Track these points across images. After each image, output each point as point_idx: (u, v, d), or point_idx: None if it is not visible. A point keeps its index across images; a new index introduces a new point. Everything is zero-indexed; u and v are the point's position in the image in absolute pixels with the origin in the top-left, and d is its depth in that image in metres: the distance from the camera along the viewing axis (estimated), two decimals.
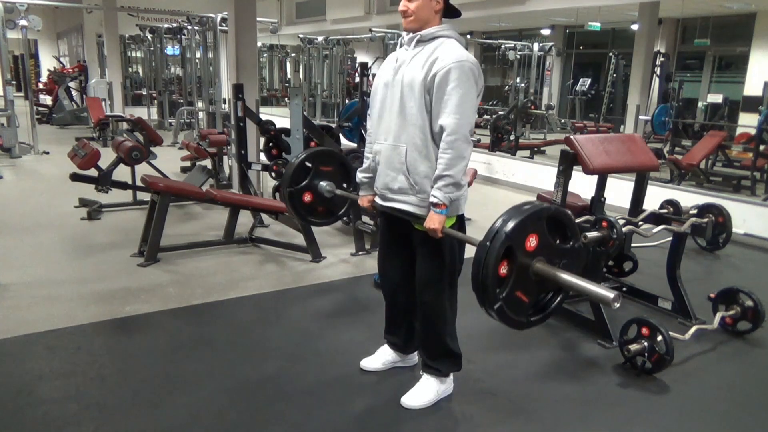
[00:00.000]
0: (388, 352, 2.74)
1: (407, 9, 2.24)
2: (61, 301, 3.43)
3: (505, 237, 1.73)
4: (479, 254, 1.79)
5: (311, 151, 3.07)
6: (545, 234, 1.84)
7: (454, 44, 2.23)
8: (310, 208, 3.08)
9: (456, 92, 2.14)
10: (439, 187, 2.18)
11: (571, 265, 1.92)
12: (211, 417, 2.35)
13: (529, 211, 1.80)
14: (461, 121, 2.15)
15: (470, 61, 2.18)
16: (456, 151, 2.15)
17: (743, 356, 3.08)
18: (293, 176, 2.99)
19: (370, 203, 2.57)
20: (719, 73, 10.74)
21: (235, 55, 6.12)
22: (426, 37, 2.25)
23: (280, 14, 15.23)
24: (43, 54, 20.55)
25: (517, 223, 1.76)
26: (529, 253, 1.81)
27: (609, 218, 3.08)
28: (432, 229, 2.20)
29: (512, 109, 9.40)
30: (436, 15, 2.27)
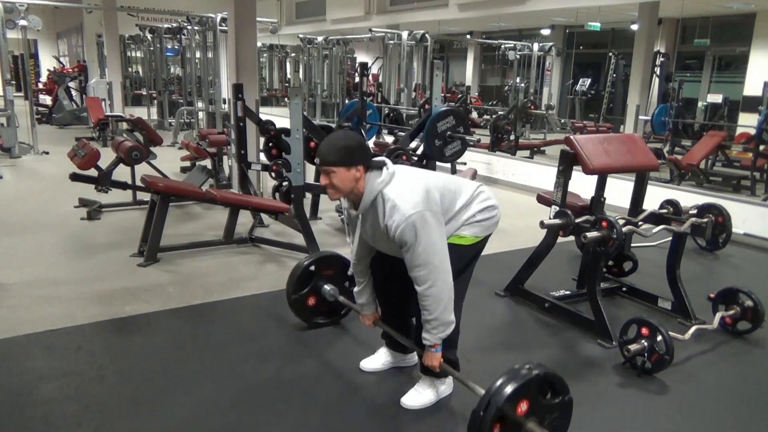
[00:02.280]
0: (387, 352, 2.75)
1: (328, 184, 2.19)
2: (61, 301, 3.43)
3: (497, 409, 1.85)
4: (473, 422, 1.89)
5: (315, 257, 3.11)
6: (536, 397, 1.94)
7: (391, 200, 2.15)
8: (315, 311, 3.14)
9: (414, 248, 2.13)
10: (428, 330, 2.25)
11: (561, 418, 2.02)
12: (211, 417, 2.35)
13: (522, 379, 1.90)
14: (428, 269, 2.15)
15: (414, 210, 2.11)
16: (432, 296, 2.17)
17: (743, 356, 3.08)
18: (297, 283, 3.06)
19: (372, 322, 2.67)
20: (719, 73, 10.75)
21: (235, 55, 6.12)
22: (366, 206, 2.22)
23: (280, 14, 15.24)
24: (42, 54, 20.56)
25: (509, 395, 1.86)
26: (519, 417, 1.91)
27: (609, 218, 3.08)
28: (431, 366, 2.32)
29: (512, 109, 9.40)
30: (360, 178, 2.19)
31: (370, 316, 2.66)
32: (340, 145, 2.17)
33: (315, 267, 3.07)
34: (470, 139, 4.78)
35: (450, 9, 10.21)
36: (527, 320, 3.45)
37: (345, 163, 2.14)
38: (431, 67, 8.00)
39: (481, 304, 3.57)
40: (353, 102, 6.52)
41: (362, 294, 2.61)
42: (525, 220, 5.48)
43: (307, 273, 3.06)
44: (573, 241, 4.17)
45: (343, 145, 2.17)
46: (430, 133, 4.60)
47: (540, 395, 1.97)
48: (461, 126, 4.72)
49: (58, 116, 12.58)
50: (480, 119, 12.25)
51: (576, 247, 4.26)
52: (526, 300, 3.65)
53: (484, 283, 3.81)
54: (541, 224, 3.26)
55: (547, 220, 3.31)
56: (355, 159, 2.16)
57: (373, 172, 2.21)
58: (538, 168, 7.53)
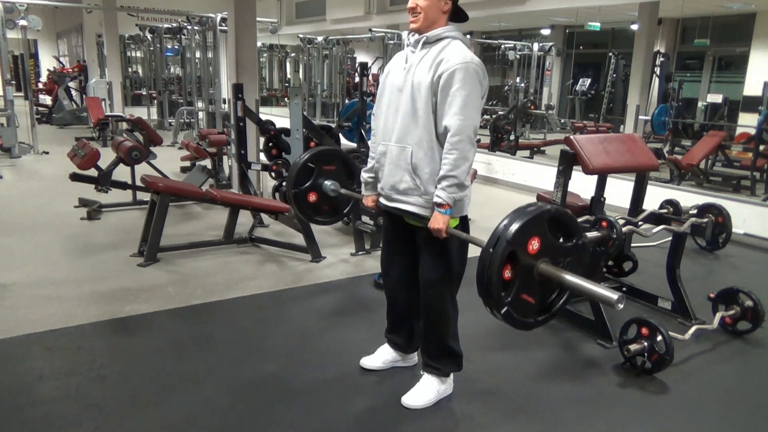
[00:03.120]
0: (388, 351, 2.74)
1: (416, 6, 2.24)
2: (61, 301, 3.43)
3: (507, 243, 1.75)
4: (483, 260, 1.80)
5: (314, 152, 3.07)
6: (547, 235, 1.85)
7: (460, 45, 2.24)
8: (316, 208, 3.09)
9: (460, 93, 2.15)
10: (443, 187, 2.19)
11: (574, 263, 1.94)
12: (211, 417, 2.35)
13: (530, 214, 1.81)
14: (465, 122, 2.16)
15: (475, 62, 2.19)
16: (460, 152, 2.16)
17: (743, 356, 3.08)
18: (297, 177, 2.99)
19: (374, 203, 2.57)
20: (719, 73, 10.75)
21: (235, 55, 6.11)
22: (432, 38, 2.26)
23: (280, 14, 15.23)
24: (42, 54, 20.55)
25: (519, 228, 1.77)
26: (532, 255, 1.82)
27: (609, 218, 3.08)
28: (436, 229, 2.21)
29: (512, 109, 9.40)
30: (444, 16, 2.27)
31: (372, 196, 2.58)
32: None
33: (315, 162, 2.98)
34: None
35: None
36: None
37: None
38: None
39: (482, 304, 3.56)
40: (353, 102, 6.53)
41: (370, 170, 2.55)
42: None
43: (307, 169, 2.98)
44: None
45: None
46: None
47: (552, 236, 1.88)
48: None
49: (58, 116, 12.58)
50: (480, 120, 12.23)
51: None
52: None
53: None
54: None
55: None
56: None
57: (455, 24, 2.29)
58: (538, 168, 7.53)
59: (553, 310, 1.95)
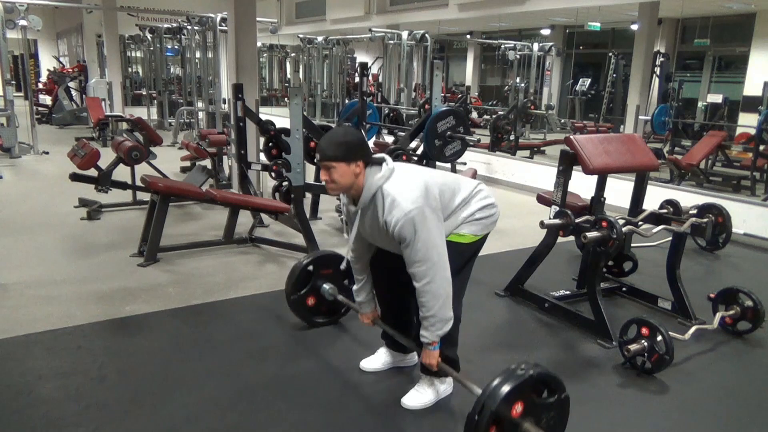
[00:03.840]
0: (387, 352, 2.75)
1: (328, 179, 2.19)
2: (61, 301, 3.43)
3: (491, 413, 1.84)
4: (469, 425, 1.88)
5: (312, 257, 3.09)
6: (530, 397, 1.93)
7: (391, 196, 2.15)
8: (315, 311, 3.14)
9: (413, 244, 2.13)
10: (426, 327, 2.24)
11: (557, 417, 2.01)
12: (211, 417, 2.35)
13: (514, 381, 1.88)
14: (427, 265, 2.14)
15: (414, 206, 2.11)
16: (430, 293, 2.17)
17: (743, 356, 3.08)
18: (295, 284, 3.05)
19: (371, 321, 2.66)
20: (719, 73, 10.74)
21: (234, 55, 6.11)
22: (365, 202, 2.22)
23: (280, 14, 15.24)
24: (42, 54, 20.56)
25: (503, 397, 1.85)
26: (515, 418, 1.90)
27: (609, 218, 3.08)
28: (428, 364, 2.31)
29: (512, 109, 9.39)
30: (359, 176, 2.19)
31: (369, 314, 2.65)
32: (340, 141, 2.17)
33: (313, 267, 3.06)
34: (470, 139, 4.77)
35: (450, 9, 10.21)
36: (527, 320, 3.45)
37: (345, 158, 2.15)
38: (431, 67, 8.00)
39: (481, 304, 3.57)
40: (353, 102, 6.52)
41: (361, 292, 2.61)
42: (525, 220, 5.48)
43: (306, 273, 3.06)
44: (573, 241, 4.18)
45: (342, 141, 2.17)
46: (430, 133, 4.60)
47: (535, 395, 1.96)
48: (461, 126, 4.72)
49: (58, 116, 12.58)
50: (480, 119, 12.24)
51: (576, 247, 4.27)
52: (526, 300, 3.65)
53: (484, 283, 3.81)
54: (541, 224, 3.26)
55: (547, 220, 3.31)
56: (355, 154, 2.16)
57: (373, 167, 2.22)
58: (538, 168, 7.53)
59: None
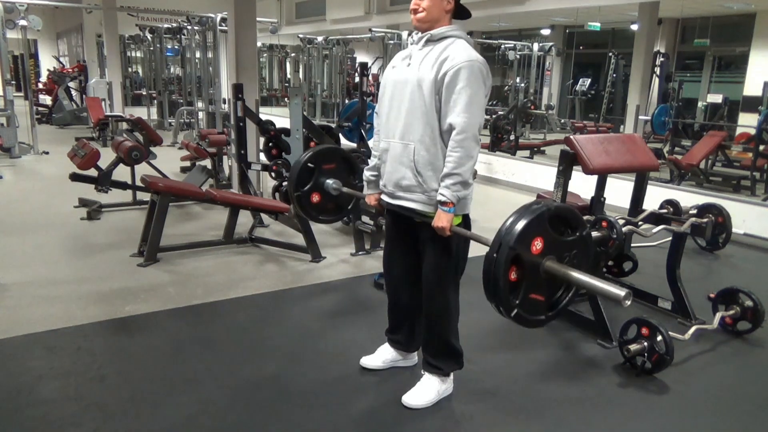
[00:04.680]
0: (388, 350, 2.74)
1: (418, 7, 2.25)
2: (61, 301, 3.43)
3: (510, 248, 1.76)
4: (488, 265, 1.81)
5: (312, 152, 3.05)
6: (549, 233, 1.85)
7: (464, 44, 2.25)
8: (320, 208, 3.09)
9: (465, 92, 2.15)
10: (447, 185, 2.18)
11: (580, 255, 1.94)
12: (211, 417, 2.35)
13: (531, 215, 1.81)
14: (470, 121, 2.16)
15: (479, 61, 2.20)
16: (465, 150, 2.16)
17: (743, 356, 3.08)
18: (298, 179, 2.98)
19: (376, 201, 2.57)
20: (719, 73, 10.74)
21: (235, 55, 6.11)
22: (436, 36, 2.27)
23: (280, 14, 15.22)
24: (42, 54, 20.55)
25: (521, 231, 1.77)
26: (536, 255, 1.83)
27: (609, 218, 3.08)
28: (440, 227, 2.21)
29: (512, 109, 9.39)
30: (447, 15, 2.28)
31: (375, 195, 2.58)
32: None
33: (314, 163, 2.97)
34: None
35: None
36: None
37: None
38: None
39: (481, 304, 3.55)
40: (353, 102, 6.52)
41: (373, 168, 2.54)
42: None
43: (308, 170, 2.97)
44: None
45: None
46: None
47: (555, 232, 1.88)
48: None
49: (58, 116, 12.57)
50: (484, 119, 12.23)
51: None
52: None
53: None
54: None
55: None
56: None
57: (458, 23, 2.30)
58: (538, 168, 7.53)
59: (561, 305, 1.94)
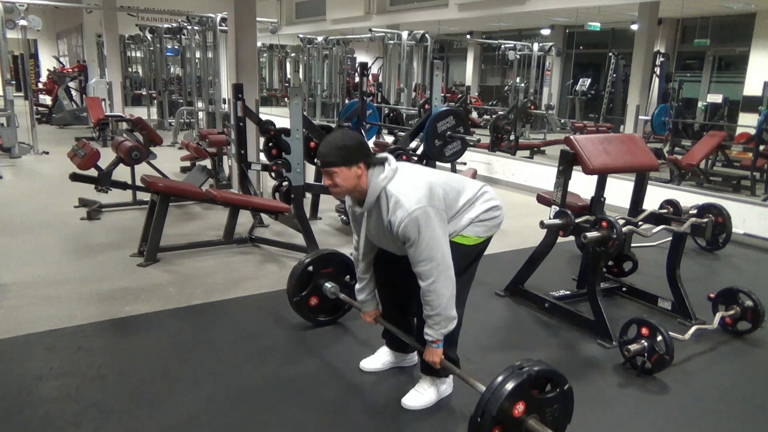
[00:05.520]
0: (387, 352, 2.75)
1: (331, 184, 2.20)
2: (61, 301, 3.43)
3: (492, 417, 1.85)
4: (471, 429, 1.90)
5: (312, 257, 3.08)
6: (531, 395, 1.93)
7: (395, 196, 2.15)
8: (318, 310, 3.15)
9: (417, 244, 2.13)
10: (430, 325, 2.24)
11: (561, 410, 2.01)
12: (211, 417, 2.35)
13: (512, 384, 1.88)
14: (431, 265, 2.15)
15: (418, 204, 2.11)
16: (434, 293, 2.17)
17: (743, 356, 3.08)
18: (297, 285, 3.05)
19: (373, 319, 2.66)
20: (719, 73, 10.75)
21: (235, 55, 6.11)
22: (370, 204, 2.23)
23: (280, 14, 15.24)
24: (42, 54, 20.57)
25: (503, 401, 1.86)
26: (518, 417, 1.90)
27: (609, 218, 3.08)
28: (432, 362, 2.30)
29: (512, 109, 9.39)
30: (362, 177, 2.20)
31: (372, 313, 2.65)
32: (339, 145, 2.17)
33: (313, 267, 3.06)
34: (470, 139, 4.77)
35: (450, 9, 10.22)
36: (527, 320, 3.45)
37: (345, 162, 2.15)
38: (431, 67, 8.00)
39: (481, 304, 3.57)
40: (353, 102, 6.52)
41: (363, 291, 2.61)
42: (525, 220, 5.48)
43: (306, 274, 3.06)
44: (573, 241, 4.18)
45: (342, 145, 2.17)
46: (430, 133, 4.60)
47: (536, 391, 1.95)
48: (461, 126, 4.71)
49: (58, 116, 12.58)
50: (480, 119, 12.24)
51: (576, 247, 4.27)
52: (526, 300, 3.65)
53: (485, 283, 3.81)
54: (541, 224, 3.26)
55: (547, 220, 3.31)
56: (356, 157, 2.16)
57: (376, 168, 2.22)
58: (538, 168, 7.53)
59: None
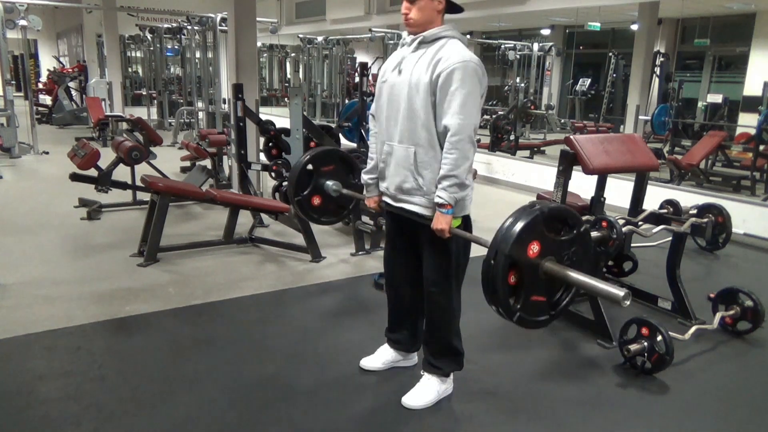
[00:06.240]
0: (388, 351, 2.74)
1: (408, 13, 2.24)
2: (61, 301, 3.43)
3: (505, 256, 1.76)
4: (485, 271, 1.81)
5: (310, 155, 3.04)
6: (546, 235, 1.84)
7: (458, 44, 2.23)
8: (321, 210, 3.08)
9: (459, 92, 2.14)
10: (444, 187, 2.18)
11: (579, 252, 1.94)
12: (211, 417, 2.35)
13: (525, 220, 1.80)
14: (465, 122, 2.15)
15: (474, 61, 2.18)
16: (460, 151, 2.15)
17: (743, 356, 3.08)
18: (297, 184, 2.97)
19: (376, 204, 2.57)
20: (719, 73, 10.75)
21: (235, 55, 6.11)
22: (429, 38, 2.25)
23: (280, 14, 15.22)
24: (42, 54, 20.55)
25: (515, 238, 1.77)
26: (533, 258, 1.82)
27: (609, 218, 3.08)
28: (439, 229, 2.21)
29: (512, 109, 9.40)
30: (439, 15, 2.26)
31: (375, 197, 2.58)
32: None
33: (313, 165, 2.97)
34: None
35: None
36: None
37: None
38: None
39: (481, 304, 3.55)
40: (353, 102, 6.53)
41: (371, 172, 2.55)
42: None
43: (306, 173, 2.97)
44: None
45: None
46: None
47: (552, 232, 1.88)
48: None
49: (58, 116, 12.57)
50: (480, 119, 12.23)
51: None
52: None
53: None
54: None
55: None
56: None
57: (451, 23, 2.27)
58: (538, 168, 7.53)
59: (563, 304, 1.94)
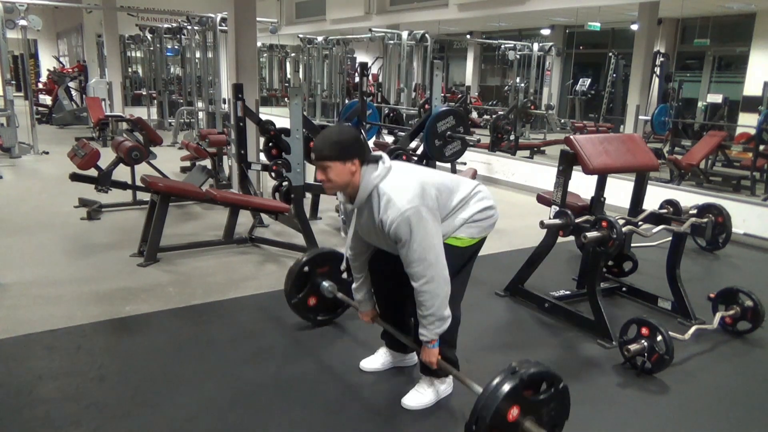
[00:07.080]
0: (387, 352, 2.75)
1: (324, 179, 2.18)
2: (61, 301, 3.43)
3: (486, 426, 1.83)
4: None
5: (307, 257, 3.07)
6: (524, 398, 1.91)
7: (387, 195, 2.15)
8: (317, 309, 3.14)
9: (410, 244, 2.12)
10: (425, 326, 2.23)
11: (558, 408, 2.00)
12: (211, 417, 2.35)
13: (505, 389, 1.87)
14: (425, 267, 2.14)
15: (410, 206, 2.10)
16: (429, 293, 2.16)
17: (743, 356, 3.08)
18: (293, 287, 3.04)
19: (371, 318, 2.65)
20: (719, 73, 10.75)
21: (235, 55, 6.11)
22: (362, 200, 2.21)
23: (280, 14, 15.23)
24: (42, 54, 20.55)
25: (495, 410, 1.84)
26: (513, 422, 1.88)
27: (609, 218, 3.08)
28: (428, 362, 2.30)
29: (512, 109, 9.39)
30: (356, 173, 2.18)
31: (369, 312, 2.65)
32: (335, 140, 2.16)
33: (309, 267, 3.04)
34: (470, 139, 4.77)
35: (450, 9, 10.22)
36: (527, 320, 3.45)
37: (340, 157, 2.14)
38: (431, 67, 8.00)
39: (481, 304, 3.57)
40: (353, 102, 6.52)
41: (360, 290, 2.61)
42: (525, 220, 5.48)
43: (303, 274, 3.04)
44: (573, 241, 4.16)
45: (337, 140, 2.16)
46: (430, 133, 4.60)
47: (530, 394, 1.92)
48: (461, 126, 4.71)
49: (58, 116, 12.58)
50: (480, 119, 12.24)
51: (576, 247, 4.26)
52: (526, 300, 3.65)
53: (484, 283, 3.81)
54: (541, 224, 3.26)
55: (547, 220, 3.31)
56: (350, 153, 2.15)
57: (370, 166, 2.21)
58: (538, 168, 7.53)
59: None
